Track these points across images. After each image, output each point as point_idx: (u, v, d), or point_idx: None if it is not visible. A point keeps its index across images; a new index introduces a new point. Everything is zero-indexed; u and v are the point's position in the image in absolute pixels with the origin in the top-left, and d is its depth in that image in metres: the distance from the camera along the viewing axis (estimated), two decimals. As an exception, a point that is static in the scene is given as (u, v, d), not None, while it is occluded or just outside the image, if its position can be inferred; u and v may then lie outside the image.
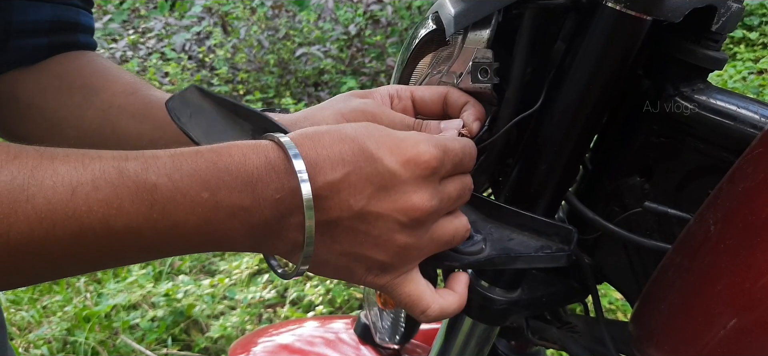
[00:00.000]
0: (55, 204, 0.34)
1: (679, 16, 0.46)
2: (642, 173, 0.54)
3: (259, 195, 0.38)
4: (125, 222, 0.35)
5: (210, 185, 0.37)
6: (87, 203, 0.34)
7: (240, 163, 0.38)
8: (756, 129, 0.46)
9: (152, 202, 0.36)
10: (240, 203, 0.38)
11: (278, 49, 3.58)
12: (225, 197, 0.37)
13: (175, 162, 0.37)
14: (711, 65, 0.49)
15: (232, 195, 0.37)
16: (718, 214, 0.42)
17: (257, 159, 0.38)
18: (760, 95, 2.81)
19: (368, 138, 0.41)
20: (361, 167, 0.40)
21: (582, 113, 0.50)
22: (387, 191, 0.41)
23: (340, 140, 0.40)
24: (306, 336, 0.84)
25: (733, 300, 0.39)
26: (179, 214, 0.36)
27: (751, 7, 3.54)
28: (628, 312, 0.52)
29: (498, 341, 0.73)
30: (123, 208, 0.35)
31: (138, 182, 0.35)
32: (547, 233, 0.49)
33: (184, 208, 0.36)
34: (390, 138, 0.41)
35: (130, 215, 0.35)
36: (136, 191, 0.35)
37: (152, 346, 1.80)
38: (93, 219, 0.34)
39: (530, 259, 0.48)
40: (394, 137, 0.42)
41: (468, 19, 0.50)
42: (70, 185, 0.34)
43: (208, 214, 0.37)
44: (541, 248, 0.49)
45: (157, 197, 0.36)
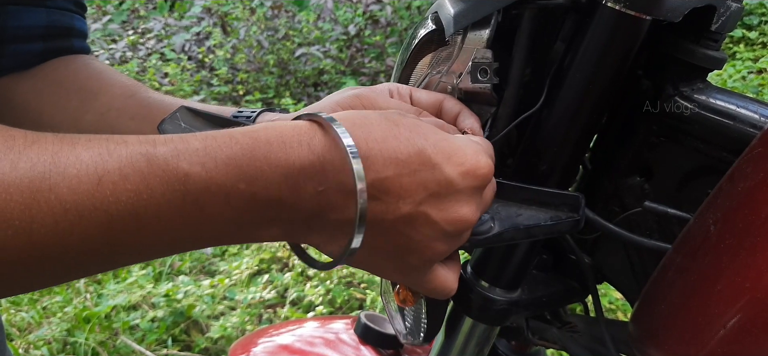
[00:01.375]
0: (81, 194, 0.31)
1: (678, 16, 0.46)
2: (642, 172, 0.54)
3: (299, 189, 0.36)
4: (155, 213, 0.32)
5: (247, 175, 0.34)
6: (115, 194, 0.31)
7: (280, 151, 0.35)
8: (755, 129, 0.46)
9: (185, 193, 0.33)
10: (278, 197, 0.35)
11: (278, 49, 3.58)
12: (262, 188, 0.35)
13: (208, 149, 0.34)
14: (710, 65, 0.49)
15: (270, 188, 0.35)
16: (717, 214, 0.42)
17: (300, 150, 0.36)
18: (760, 94, 2.81)
19: (424, 140, 0.39)
20: (415, 169, 0.38)
21: (581, 112, 0.50)
22: (440, 199, 0.39)
23: (395, 136, 0.38)
24: (306, 337, 0.84)
25: (733, 300, 0.39)
26: (213, 206, 0.34)
27: (751, 7, 3.54)
28: (628, 312, 0.52)
29: (498, 341, 0.73)
30: (153, 198, 0.32)
31: (168, 170, 0.33)
32: (555, 203, 0.48)
33: (219, 200, 0.34)
34: (447, 143, 0.39)
35: (161, 207, 0.33)
36: (167, 181, 0.33)
37: (152, 347, 1.80)
38: (122, 210, 0.32)
39: (540, 229, 0.47)
40: (451, 142, 0.40)
41: (467, 19, 0.50)
42: (95, 173, 0.31)
43: (243, 207, 0.34)
44: (550, 218, 0.48)
45: (189, 187, 0.33)
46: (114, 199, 0.31)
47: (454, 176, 0.39)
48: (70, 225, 0.31)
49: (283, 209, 0.36)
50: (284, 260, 2.13)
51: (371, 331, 0.80)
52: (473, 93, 0.52)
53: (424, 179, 0.38)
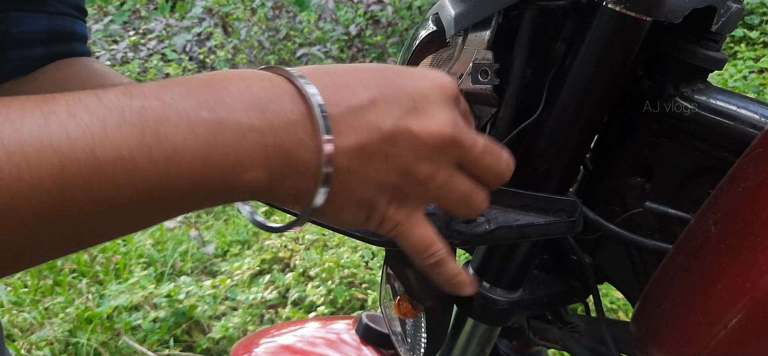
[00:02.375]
0: (25, 135, 0.28)
1: (678, 17, 0.46)
2: (642, 173, 0.54)
3: (269, 116, 0.34)
4: (115, 151, 0.29)
5: (208, 104, 0.32)
6: (64, 131, 0.28)
7: (241, 86, 0.34)
8: (756, 129, 0.46)
9: (142, 124, 0.30)
10: (248, 123, 0.33)
11: (279, 49, 3.58)
12: (228, 115, 0.33)
13: (162, 86, 0.32)
14: (711, 65, 0.49)
15: (237, 114, 0.33)
16: (718, 214, 0.42)
17: (261, 84, 0.35)
18: (761, 94, 2.81)
19: (388, 68, 0.39)
20: (386, 91, 0.38)
21: (582, 113, 0.50)
22: (416, 112, 0.38)
23: (356, 70, 0.38)
24: (308, 337, 0.84)
25: (734, 300, 0.39)
26: (177, 135, 0.31)
27: (752, 6, 3.54)
28: (630, 312, 0.52)
29: (499, 341, 0.73)
30: (107, 134, 0.29)
31: (121, 105, 0.30)
32: (553, 209, 0.49)
33: (181, 129, 0.31)
34: (411, 68, 0.40)
35: (118, 141, 0.30)
36: (121, 114, 0.30)
37: (154, 347, 1.81)
38: (75, 149, 0.29)
39: (533, 229, 0.47)
40: (414, 68, 0.41)
41: (468, 21, 0.50)
42: (40, 115, 0.29)
43: (212, 134, 0.32)
44: (547, 223, 0.48)
45: (146, 118, 0.30)
46: (64, 137, 0.28)
47: (424, 88, 0.39)
48: (17, 172, 0.28)
49: (260, 136, 0.34)
50: (286, 261, 2.13)
51: (372, 331, 0.80)
52: (474, 94, 0.52)
53: (395, 95, 0.38)
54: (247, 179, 0.34)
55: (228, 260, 2.18)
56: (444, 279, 0.44)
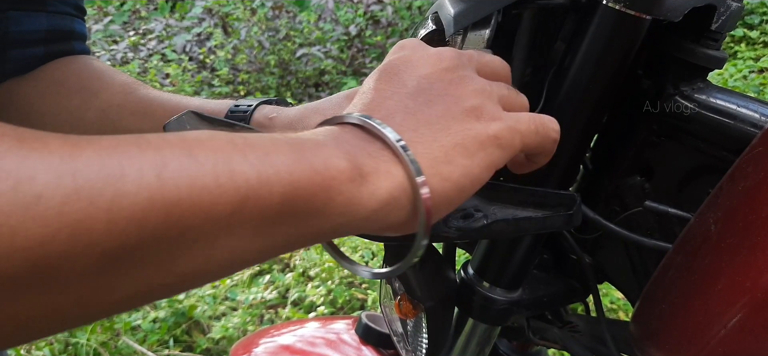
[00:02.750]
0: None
1: (678, 16, 0.46)
2: (642, 172, 0.54)
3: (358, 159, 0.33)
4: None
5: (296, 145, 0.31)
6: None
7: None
8: (756, 128, 0.46)
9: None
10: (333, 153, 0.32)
11: (279, 50, 3.58)
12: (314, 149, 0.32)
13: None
14: (711, 64, 0.49)
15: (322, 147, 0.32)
16: (718, 213, 0.42)
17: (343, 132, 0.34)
18: (761, 94, 2.81)
19: (392, 73, 0.39)
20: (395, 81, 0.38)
21: (582, 112, 0.50)
22: (425, 63, 0.39)
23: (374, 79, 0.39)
24: (307, 337, 0.84)
25: (734, 299, 0.39)
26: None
27: (752, 6, 3.54)
28: (630, 312, 0.52)
29: (499, 341, 0.73)
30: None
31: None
32: (551, 204, 0.49)
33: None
34: (406, 60, 0.40)
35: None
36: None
37: (154, 348, 1.80)
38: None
39: (530, 223, 0.47)
40: (405, 57, 0.41)
41: (468, 20, 0.50)
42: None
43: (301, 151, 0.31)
44: (545, 217, 0.48)
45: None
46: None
47: (433, 75, 0.39)
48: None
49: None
50: (285, 261, 2.13)
51: (372, 331, 0.80)
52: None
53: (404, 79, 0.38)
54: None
55: (228, 261, 2.17)
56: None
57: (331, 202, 0.31)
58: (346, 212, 0.31)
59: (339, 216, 0.31)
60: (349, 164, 0.32)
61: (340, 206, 0.31)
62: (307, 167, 0.30)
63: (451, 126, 0.36)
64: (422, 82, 0.38)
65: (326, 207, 0.31)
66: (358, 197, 0.32)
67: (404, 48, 0.41)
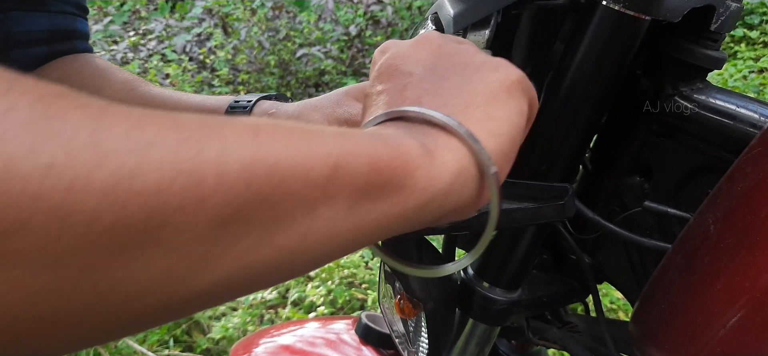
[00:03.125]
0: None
1: (677, 16, 0.46)
2: (642, 172, 0.54)
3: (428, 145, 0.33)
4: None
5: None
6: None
7: None
8: (755, 128, 0.46)
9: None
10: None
11: (279, 50, 3.58)
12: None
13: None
14: (710, 65, 0.49)
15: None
16: (717, 213, 0.42)
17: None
18: (761, 94, 2.81)
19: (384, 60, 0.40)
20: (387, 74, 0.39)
21: (581, 112, 0.50)
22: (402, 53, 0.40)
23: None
24: (307, 337, 0.84)
25: (733, 299, 0.39)
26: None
27: (752, 6, 3.54)
28: (629, 312, 0.52)
29: (499, 341, 0.73)
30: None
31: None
32: (544, 196, 0.49)
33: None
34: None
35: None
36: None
37: (154, 348, 1.80)
38: None
39: (522, 214, 0.47)
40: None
41: (467, 20, 0.50)
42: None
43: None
44: (537, 208, 0.48)
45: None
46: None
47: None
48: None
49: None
50: (285, 261, 2.13)
51: (372, 331, 0.80)
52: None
53: (388, 65, 0.39)
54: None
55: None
56: None
57: (411, 176, 0.31)
58: (427, 187, 0.31)
59: (421, 192, 0.31)
60: (414, 142, 0.32)
61: (421, 180, 0.31)
62: (381, 143, 0.30)
63: (475, 87, 0.37)
64: (426, 65, 0.38)
65: (408, 181, 0.31)
66: (433, 172, 0.32)
67: (387, 48, 0.42)
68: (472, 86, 0.37)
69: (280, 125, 0.27)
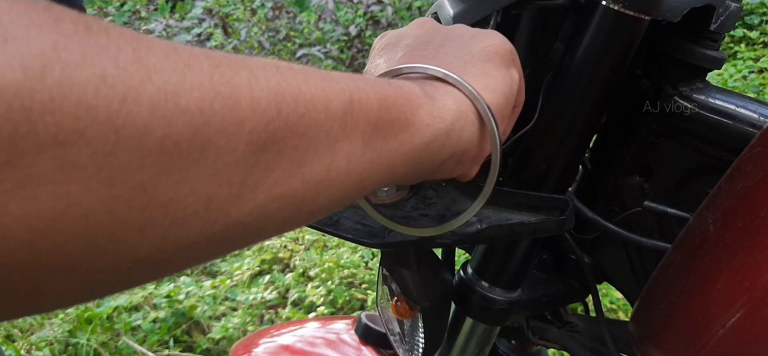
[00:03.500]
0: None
1: (677, 16, 0.46)
2: (641, 172, 0.54)
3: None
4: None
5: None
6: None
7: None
8: (755, 128, 0.46)
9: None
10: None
11: (279, 50, 3.58)
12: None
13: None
14: (710, 65, 0.49)
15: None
16: (717, 213, 0.42)
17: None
18: (761, 94, 2.81)
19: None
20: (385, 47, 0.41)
21: (581, 112, 0.50)
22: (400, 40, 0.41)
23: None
24: (307, 337, 0.84)
25: (733, 299, 0.39)
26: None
27: (752, 6, 3.54)
28: (629, 312, 0.52)
29: (499, 341, 0.73)
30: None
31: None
32: (545, 207, 0.49)
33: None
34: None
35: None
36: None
37: (154, 348, 1.81)
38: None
39: (524, 228, 0.48)
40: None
41: (467, 20, 0.50)
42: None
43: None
44: (539, 222, 0.49)
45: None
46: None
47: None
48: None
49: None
50: (285, 261, 2.13)
51: (372, 331, 0.80)
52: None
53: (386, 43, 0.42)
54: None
55: (228, 261, 2.18)
56: None
57: (416, 113, 0.33)
58: (431, 124, 0.33)
59: (426, 129, 0.33)
60: (416, 87, 0.34)
61: (425, 117, 0.33)
62: (386, 84, 0.32)
63: (471, 48, 0.39)
64: (423, 37, 0.41)
65: (414, 118, 0.32)
66: (436, 111, 0.34)
67: (384, 36, 0.44)
68: (468, 48, 0.39)
69: (295, 65, 0.29)
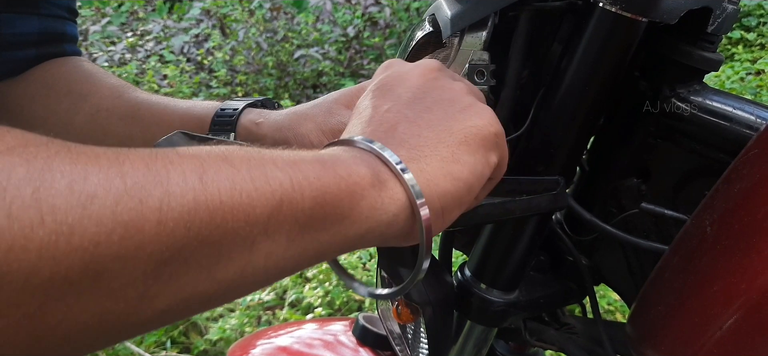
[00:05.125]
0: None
1: (674, 18, 0.46)
2: (639, 174, 0.54)
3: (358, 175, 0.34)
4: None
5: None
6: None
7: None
8: (751, 130, 0.46)
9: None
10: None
11: (277, 51, 3.58)
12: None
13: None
14: (707, 67, 0.49)
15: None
16: (714, 215, 0.42)
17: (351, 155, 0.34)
18: (758, 96, 2.81)
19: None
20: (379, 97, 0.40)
21: (579, 114, 0.50)
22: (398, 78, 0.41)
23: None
24: (305, 338, 0.84)
25: (730, 301, 0.39)
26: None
27: (749, 8, 3.55)
28: (626, 313, 0.52)
29: (496, 342, 0.73)
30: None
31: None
32: (536, 189, 0.49)
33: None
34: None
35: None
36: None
37: (151, 349, 1.80)
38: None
39: (515, 205, 0.47)
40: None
41: (464, 21, 0.50)
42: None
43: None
44: (530, 199, 0.48)
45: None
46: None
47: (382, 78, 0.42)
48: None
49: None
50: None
51: (369, 333, 0.80)
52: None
53: (378, 88, 0.41)
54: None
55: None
56: None
57: (356, 206, 0.32)
58: (371, 216, 0.33)
59: (365, 221, 0.32)
60: (369, 171, 0.33)
61: (366, 210, 0.32)
62: (332, 174, 0.31)
63: (452, 126, 0.38)
64: (417, 93, 0.40)
65: (352, 212, 0.32)
66: (380, 202, 0.33)
67: (391, 66, 0.43)
68: (449, 124, 0.38)
69: (229, 158, 0.28)
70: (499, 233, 0.57)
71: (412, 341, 0.63)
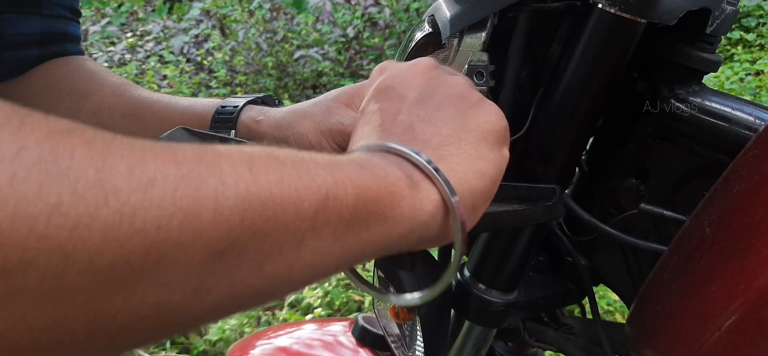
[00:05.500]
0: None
1: (673, 19, 0.46)
2: (638, 175, 0.54)
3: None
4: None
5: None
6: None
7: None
8: (750, 131, 0.46)
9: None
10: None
11: (276, 51, 3.58)
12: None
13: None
14: (706, 67, 0.49)
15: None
16: (713, 215, 0.42)
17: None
18: (757, 97, 2.81)
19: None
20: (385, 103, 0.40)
21: (577, 115, 0.50)
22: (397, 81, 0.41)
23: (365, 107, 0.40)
24: (304, 339, 0.84)
25: (729, 302, 0.39)
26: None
27: (748, 9, 3.55)
28: (625, 314, 0.52)
29: (495, 343, 0.73)
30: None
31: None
32: (532, 197, 0.49)
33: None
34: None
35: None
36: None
37: (150, 349, 1.80)
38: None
39: (510, 216, 0.47)
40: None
41: (464, 22, 0.50)
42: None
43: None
44: (525, 209, 0.48)
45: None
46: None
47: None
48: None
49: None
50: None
51: (369, 333, 0.80)
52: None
53: (382, 90, 0.41)
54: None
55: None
56: None
57: (396, 206, 0.32)
58: (412, 217, 0.32)
59: (406, 222, 0.32)
60: (402, 173, 0.33)
61: (406, 210, 0.32)
62: (369, 173, 0.31)
63: (468, 122, 0.38)
64: (423, 91, 0.39)
65: (393, 212, 0.32)
66: (418, 202, 0.33)
67: (385, 68, 0.43)
68: (465, 121, 0.38)
69: (274, 156, 0.28)
70: (498, 234, 0.57)
71: (408, 340, 0.63)
